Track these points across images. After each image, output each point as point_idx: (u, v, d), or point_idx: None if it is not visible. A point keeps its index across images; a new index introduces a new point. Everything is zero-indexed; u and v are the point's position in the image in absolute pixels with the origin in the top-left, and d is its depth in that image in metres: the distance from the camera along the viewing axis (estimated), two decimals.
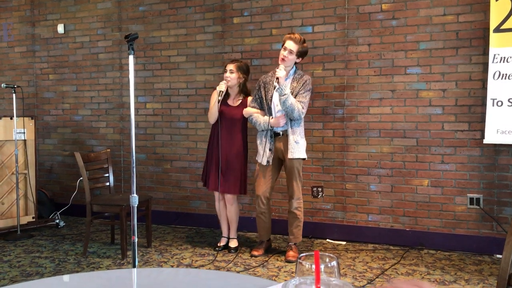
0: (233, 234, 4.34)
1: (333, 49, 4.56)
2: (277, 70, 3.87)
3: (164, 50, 5.24)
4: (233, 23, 4.94)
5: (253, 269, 3.81)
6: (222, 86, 4.14)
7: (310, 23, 4.63)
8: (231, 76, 4.16)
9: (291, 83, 3.92)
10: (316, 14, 4.61)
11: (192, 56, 5.12)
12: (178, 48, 5.17)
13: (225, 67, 4.24)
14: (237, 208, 4.31)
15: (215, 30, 5.02)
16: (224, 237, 4.36)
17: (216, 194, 4.27)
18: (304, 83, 3.90)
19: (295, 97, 3.87)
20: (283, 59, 3.88)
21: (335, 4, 4.55)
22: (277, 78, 3.84)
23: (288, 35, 3.91)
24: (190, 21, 5.12)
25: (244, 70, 4.22)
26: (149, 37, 5.29)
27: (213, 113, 4.15)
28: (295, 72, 3.97)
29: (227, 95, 4.23)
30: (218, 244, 4.33)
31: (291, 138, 3.90)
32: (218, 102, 4.13)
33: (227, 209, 4.29)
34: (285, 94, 3.78)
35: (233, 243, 4.31)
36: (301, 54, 3.90)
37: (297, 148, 3.91)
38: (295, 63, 3.96)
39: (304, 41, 3.91)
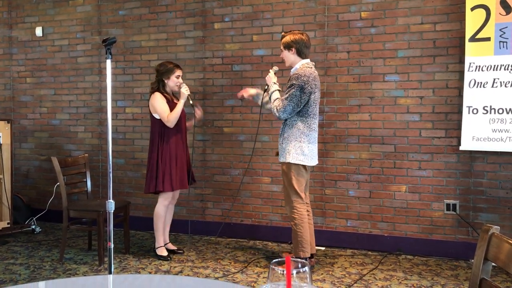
0: (167, 236, 4.36)
1: (313, 55, 4.58)
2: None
3: (144, 55, 5.21)
4: (214, 28, 4.94)
5: (232, 275, 3.79)
6: (187, 90, 4.13)
7: (290, 30, 4.65)
8: (181, 80, 4.21)
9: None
10: (296, 21, 4.64)
11: (173, 61, 5.08)
12: (158, 52, 5.15)
13: (174, 71, 4.14)
14: None
15: (196, 35, 5.01)
16: (168, 243, 4.34)
17: (173, 195, 4.23)
18: (289, 80, 3.73)
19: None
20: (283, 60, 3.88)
21: (315, 11, 4.59)
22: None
23: None
24: (171, 26, 5.10)
25: None
26: (129, 41, 5.26)
27: (177, 117, 4.08)
28: (294, 71, 3.78)
29: (171, 97, 4.22)
30: (166, 255, 4.20)
31: (280, 140, 3.79)
32: (192, 106, 4.17)
33: (169, 210, 4.26)
34: (269, 98, 3.81)
35: (174, 245, 4.37)
36: (287, 45, 3.76)
37: (283, 151, 3.74)
38: (299, 56, 3.78)
39: (282, 36, 3.84)
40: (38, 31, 5.62)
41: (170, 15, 5.10)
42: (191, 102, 4.15)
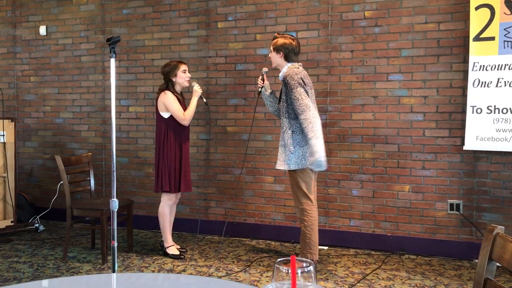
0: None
1: (316, 55, 4.59)
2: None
3: (148, 54, 5.22)
4: (218, 27, 4.94)
5: (235, 274, 3.80)
6: (200, 88, 4.14)
7: (294, 29, 4.65)
8: (189, 74, 4.19)
9: (282, 86, 3.72)
10: (300, 20, 4.64)
11: (176, 60, 5.09)
12: (162, 51, 5.15)
13: (179, 67, 4.09)
14: None
15: (199, 34, 5.01)
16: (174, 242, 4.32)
17: (176, 195, 4.20)
18: (287, 84, 3.60)
19: (288, 103, 3.63)
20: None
21: (319, 10, 4.58)
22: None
23: None
24: (174, 25, 5.10)
25: None
26: (133, 40, 5.26)
27: (193, 114, 4.08)
28: (283, 74, 3.71)
29: (181, 98, 4.19)
30: (178, 253, 4.19)
31: (280, 148, 3.72)
32: (206, 104, 4.24)
33: (172, 209, 4.24)
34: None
35: (177, 245, 4.35)
36: (276, 48, 3.69)
37: (286, 159, 3.64)
38: (286, 60, 3.71)
39: (274, 37, 3.76)
40: (42, 30, 5.63)
41: (173, 14, 5.10)
42: (204, 100, 4.19)
